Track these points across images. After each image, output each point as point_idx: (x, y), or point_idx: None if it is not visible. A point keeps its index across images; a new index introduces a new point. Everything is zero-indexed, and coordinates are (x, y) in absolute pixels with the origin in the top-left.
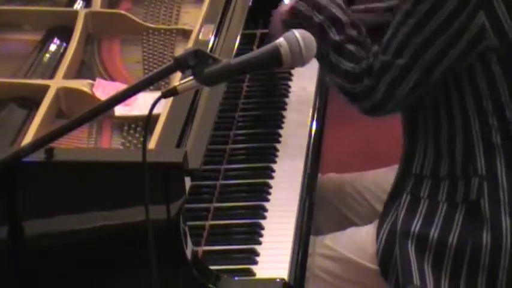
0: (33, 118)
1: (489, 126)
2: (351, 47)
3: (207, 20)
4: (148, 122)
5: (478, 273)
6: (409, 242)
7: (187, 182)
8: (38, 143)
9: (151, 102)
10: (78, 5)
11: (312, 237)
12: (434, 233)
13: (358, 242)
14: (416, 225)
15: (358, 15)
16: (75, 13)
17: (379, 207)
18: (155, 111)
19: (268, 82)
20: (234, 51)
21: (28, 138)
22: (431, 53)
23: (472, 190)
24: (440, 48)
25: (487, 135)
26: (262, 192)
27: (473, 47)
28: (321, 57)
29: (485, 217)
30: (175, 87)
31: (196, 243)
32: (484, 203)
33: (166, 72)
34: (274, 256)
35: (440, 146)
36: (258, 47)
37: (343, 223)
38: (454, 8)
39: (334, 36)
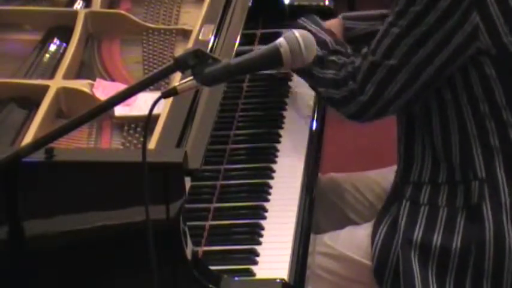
0: (33, 118)
1: (486, 129)
2: (332, 57)
3: (207, 20)
4: (148, 122)
5: (483, 277)
6: (412, 251)
7: (187, 182)
8: (38, 143)
9: (151, 102)
10: (78, 5)
11: (311, 236)
12: (437, 240)
13: (357, 240)
14: (418, 233)
15: (348, 23)
16: (75, 13)
17: (379, 206)
18: (155, 111)
19: (268, 82)
20: (234, 51)
21: (28, 138)
22: (422, 54)
23: (473, 194)
24: (431, 49)
25: (485, 139)
26: (262, 192)
27: (465, 48)
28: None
29: (487, 221)
30: (175, 88)
31: (196, 243)
32: (485, 206)
33: (166, 72)
34: (274, 256)
35: (437, 152)
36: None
37: (343, 222)
38: (446, 7)
39: (317, 51)
